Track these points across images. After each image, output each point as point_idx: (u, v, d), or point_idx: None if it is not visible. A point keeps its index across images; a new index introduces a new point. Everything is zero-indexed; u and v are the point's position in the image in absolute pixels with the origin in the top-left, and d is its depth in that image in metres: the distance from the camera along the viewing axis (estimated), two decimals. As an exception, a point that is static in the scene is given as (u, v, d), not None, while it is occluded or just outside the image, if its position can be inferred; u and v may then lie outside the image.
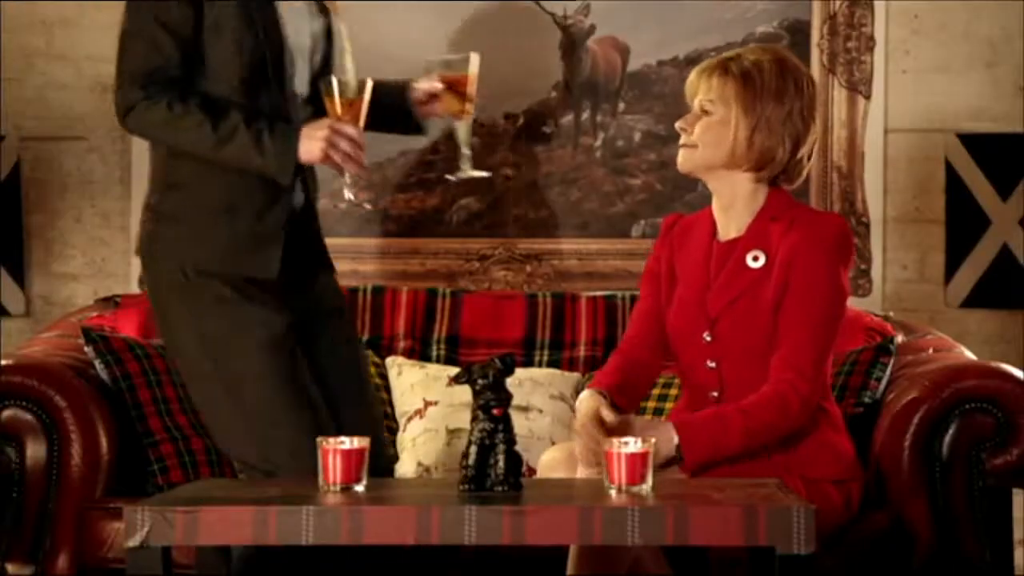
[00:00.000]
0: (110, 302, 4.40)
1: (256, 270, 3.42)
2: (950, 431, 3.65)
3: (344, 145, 3.32)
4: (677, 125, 3.49)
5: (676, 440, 3.29)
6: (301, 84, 3.47)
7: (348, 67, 3.53)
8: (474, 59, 3.44)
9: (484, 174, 3.45)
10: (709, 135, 3.45)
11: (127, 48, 3.38)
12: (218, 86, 3.39)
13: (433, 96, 3.52)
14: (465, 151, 3.50)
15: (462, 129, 3.52)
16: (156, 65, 3.34)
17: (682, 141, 3.49)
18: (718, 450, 3.32)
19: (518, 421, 2.99)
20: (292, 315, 3.44)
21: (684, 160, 3.50)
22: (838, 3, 4.67)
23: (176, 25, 3.34)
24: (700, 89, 3.47)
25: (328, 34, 3.53)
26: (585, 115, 4.72)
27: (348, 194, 3.40)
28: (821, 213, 3.58)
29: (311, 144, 3.32)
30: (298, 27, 3.44)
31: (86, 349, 4.02)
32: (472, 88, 3.38)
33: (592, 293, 4.47)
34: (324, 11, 3.54)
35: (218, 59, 3.38)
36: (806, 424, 3.40)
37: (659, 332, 3.55)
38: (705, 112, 3.46)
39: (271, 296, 3.42)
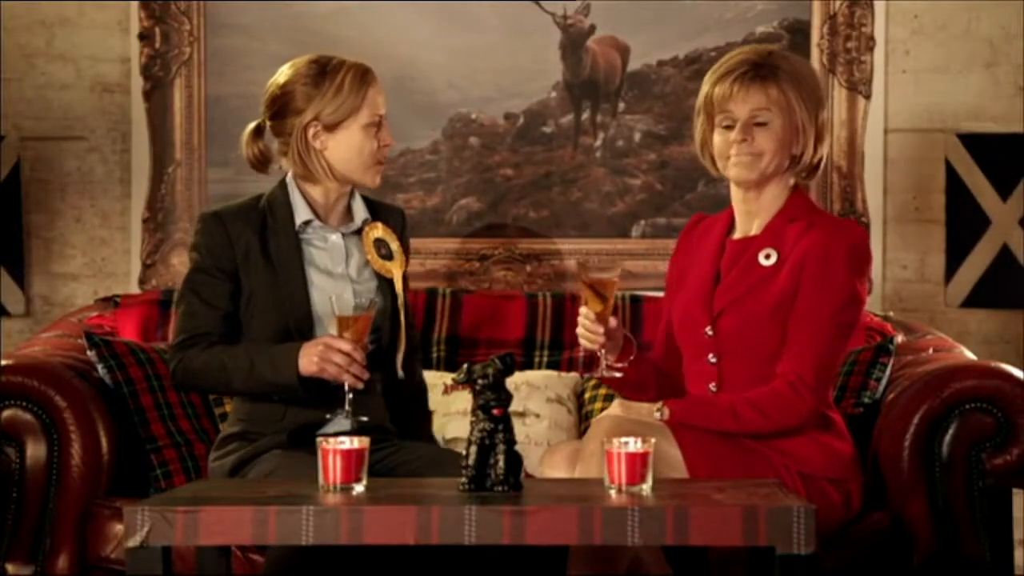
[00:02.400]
0: (110, 302, 4.40)
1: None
2: (950, 431, 3.65)
3: (338, 359, 3.47)
4: (734, 138, 3.45)
5: (660, 403, 3.40)
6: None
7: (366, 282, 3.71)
8: (617, 270, 3.51)
9: (619, 375, 3.52)
10: (774, 143, 3.44)
11: (176, 314, 3.69)
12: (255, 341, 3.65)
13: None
14: (600, 353, 3.50)
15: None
16: (193, 332, 3.61)
17: (743, 151, 3.45)
18: (701, 409, 3.40)
19: (515, 426, 2.99)
20: None
21: (749, 169, 3.46)
22: (838, 3, 4.67)
23: (211, 298, 3.62)
24: (750, 99, 3.43)
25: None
26: (585, 115, 4.72)
27: (346, 406, 3.51)
28: (841, 220, 3.55)
29: (307, 359, 3.51)
30: (329, 286, 3.64)
31: (89, 353, 4.01)
32: (610, 292, 3.44)
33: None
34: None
35: (250, 324, 3.64)
36: (801, 427, 3.41)
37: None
38: (758, 124, 3.44)
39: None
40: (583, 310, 3.42)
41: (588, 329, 3.41)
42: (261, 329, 3.61)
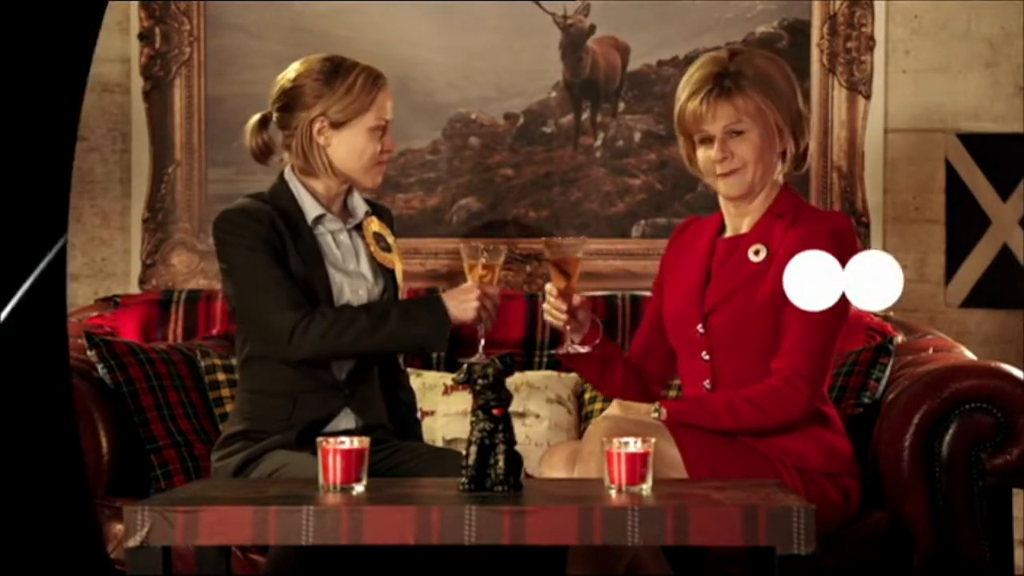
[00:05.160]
0: (110, 302, 4.40)
1: None
2: (950, 431, 3.65)
3: (489, 304, 3.56)
4: (714, 158, 3.46)
5: (657, 404, 3.41)
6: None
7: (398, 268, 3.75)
8: (580, 248, 3.54)
9: (585, 350, 3.55)
10: (754, 152, 3.46)
11: (260, 287, 3.57)
12: None
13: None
14: (565, 330, 3.54)
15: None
16: (300, 297, 3.57)
17: (726, 168, 3.47)
18: (698, 407, 3.40)
19: (515, 427, 2.99)
20: None
21: (736, 184, 3.48)
22: (838, 3, 4.67)
23: (280, 258, 3.58)
24: (720, 115, 3.45)
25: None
26: (585, 115, 4.72)
27: (481, 350, 3.57)
28: (826, 211, 3.59)
29: (465, 306, 3.56)
30: (345, 282, 3.66)
31: (89, 353, 4.01)
32: (573, 269, 3.48)
33: (592, 293, 4.47)
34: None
35: None
36: (798, 421, 3.41)
37: (662, 343, 3.60)
38: (734, 134, 3.46)
39: None
40: (548, 286, 3.48)
41: (552, 304, 3.45)
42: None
